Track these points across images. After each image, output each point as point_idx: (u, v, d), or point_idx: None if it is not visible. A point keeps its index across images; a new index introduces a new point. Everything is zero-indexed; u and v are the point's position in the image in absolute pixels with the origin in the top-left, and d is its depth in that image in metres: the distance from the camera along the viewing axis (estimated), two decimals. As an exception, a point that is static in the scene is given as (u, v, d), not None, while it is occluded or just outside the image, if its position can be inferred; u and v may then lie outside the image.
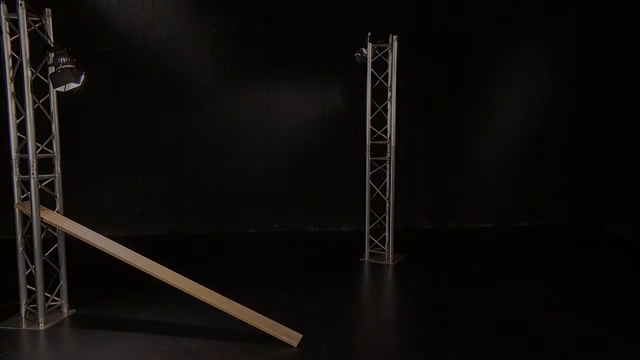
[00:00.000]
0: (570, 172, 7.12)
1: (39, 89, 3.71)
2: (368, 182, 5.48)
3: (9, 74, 3.59)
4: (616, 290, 4.61)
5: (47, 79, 3.68)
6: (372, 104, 5.40)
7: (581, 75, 6.94)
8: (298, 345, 3.43)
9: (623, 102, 6.68)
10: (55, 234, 3.92)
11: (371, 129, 5.42)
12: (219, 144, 6.58)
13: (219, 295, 3.68)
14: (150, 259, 3.72)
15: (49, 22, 3.69)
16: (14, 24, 3.50)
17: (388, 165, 5.39)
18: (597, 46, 6.87)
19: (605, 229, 6.88)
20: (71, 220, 3.80)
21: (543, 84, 6.97)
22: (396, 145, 5.35)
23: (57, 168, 3.87)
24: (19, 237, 3.72)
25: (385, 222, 5.49)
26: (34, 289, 3.70)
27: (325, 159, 6.74)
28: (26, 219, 3.70)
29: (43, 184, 3.73)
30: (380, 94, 5.41)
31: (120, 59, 6.26)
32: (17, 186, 3.69)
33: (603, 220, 6.98)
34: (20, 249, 3.72)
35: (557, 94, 6.99)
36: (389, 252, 5.42)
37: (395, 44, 5.18)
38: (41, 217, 3.63)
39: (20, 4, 3.42)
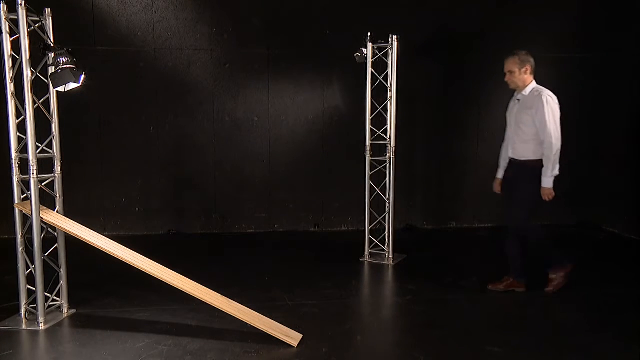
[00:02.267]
0: (570, 172, 7.10)
1: (39, 89, 3.71)
2: (368, 182, 5.48)
3: (9, 74, 3.59)
4: (616, 289, 4.62)
5: (47, 79, 3.67)
6: (372, 104, 5.40)
7: (581, 75, 6.94)
8: (298, 345, 3.44)
9: (623, 100, 6.68)
10: (55, 234, 3.92)
11: (371, 129, 5.43)
12: (218, 144, 6.58)
13: (219, 295, 3.68)
14: (150, 259, 3.72)
15: (49, 22, 3.69)
16: (14, 24, 3.49)
17: (388, 165, 5.39)
18: (597, 46, 6.88)
19: (605, 229, 6.89)
20: (71, 220, 3.80)
21: (543, 83, 6.94)
22: (396, 145, 5.35)
23: (57, 168, 3.86)
24: (19, 237, 3.72)
25: (385, 222, 5.49)
26: (34, 289, 3.70)
27: (325, 158, 6.74)
28: (26, 219, 3.70)
29: (43, 184, 3.73)
30: (380, 94, 5.41)
31: (120, 59, 6.26)
32: (17, 186, 3.69)
33: (603, 220, 6.99)
34: (20, 249, 3.72)
35: (557, 93, 6.97)
36: (389, 252, 5.42)
37: (395, 44, 5.19)
38: (41, 217, 3.63)
39: (20, 4, 3.41)
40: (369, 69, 5.33)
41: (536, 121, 4.22)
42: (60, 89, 3.56)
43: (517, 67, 4.34)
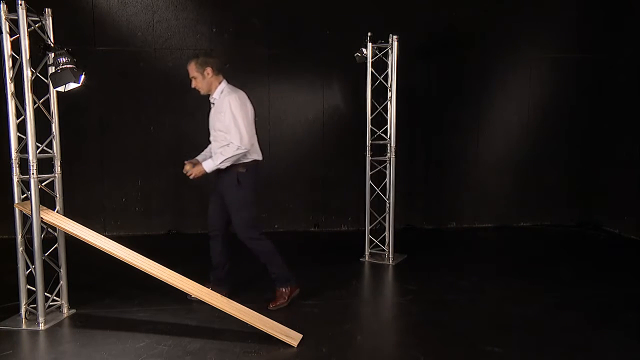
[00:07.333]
0: (571, 172, 7.13)
1: (39, 89, 3.71)
2: (368, 182, 5.48)
3: (9, 74, 3.59)
4: (616, 289, 4.61)
5: (47, 79, 3.67)
6: (372, 104, 5.40)
7: (580, 76, 6.94)
8: (298, 345, 3.44)
9: (623, 101, 6.68)
10: (55, 234, 3.92)
11: (371, 129, 5.43)
12: (219, 144, 6.57)
13: (219, 295, 3.69)
14: (150, 259, 3.72)
15: (49, 22, 3.69)
16: (14, 24, 3.49)
17: (388, 165, 5.39)
18: (597, 46, 6.88)
19: (605, 229, 6.89)
20: (71, 220, 3.79)
21: (543, 84, 6.97)
22: (396, 145, 5.35)
23: (57, 168, 3.86)
24: (19, 237, 3.72)
25: (385, 222, 5.49)
26: (34, 289, 3.70)
27: (325, 158, 6.73)
28: (26, 219, 3.70)
29: (43, 184, 3.73)
30: (380, 94, 5.41)
31: (120, 59, 6.26)
32: (17, 186, 3.69)
33: (603, 220, 6.99)
34: (20, 249, 3.72)
35: (557, 93, 6.99)
36: (389, 252, 5.42)
37: (395, 44, 5.18)
38: (41, 217, 3.63)
39: (20, 4, 3.41)
40: (369, 69, 5.32)
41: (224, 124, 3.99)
42: (60, 89, 3.56)
43: (198, 72, 4.05)
